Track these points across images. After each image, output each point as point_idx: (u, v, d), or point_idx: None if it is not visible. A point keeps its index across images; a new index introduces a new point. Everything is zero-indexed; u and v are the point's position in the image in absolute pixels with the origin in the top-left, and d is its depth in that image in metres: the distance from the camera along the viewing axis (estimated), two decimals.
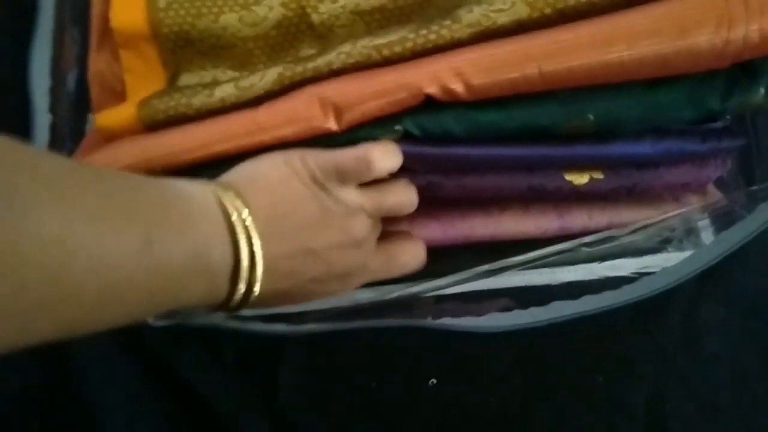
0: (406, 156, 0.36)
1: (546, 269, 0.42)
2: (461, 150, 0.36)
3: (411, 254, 0.39)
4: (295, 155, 0.34)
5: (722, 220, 0.42)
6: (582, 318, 0.44)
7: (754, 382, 0.43)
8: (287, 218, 0.33)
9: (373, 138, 0.35)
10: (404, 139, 0.36)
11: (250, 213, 0.31)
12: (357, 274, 0.37)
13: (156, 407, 0.42)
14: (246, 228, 0.31)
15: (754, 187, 0.39)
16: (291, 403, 0.42)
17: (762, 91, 0.35)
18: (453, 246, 0.42)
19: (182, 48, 0.39)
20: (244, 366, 0.42)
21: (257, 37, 0.39)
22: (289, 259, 0.33)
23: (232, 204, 0.31)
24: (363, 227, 0.35)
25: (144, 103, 0.38)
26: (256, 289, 0.31)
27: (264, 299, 0.32)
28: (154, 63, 0.40)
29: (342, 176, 0.34)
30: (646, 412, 0.42)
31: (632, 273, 0.43)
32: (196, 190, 0.31)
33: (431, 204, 0.40)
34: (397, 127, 0.36)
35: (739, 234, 0.37)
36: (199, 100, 0.37)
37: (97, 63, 0.42)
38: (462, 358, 0.43)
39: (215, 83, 0.39)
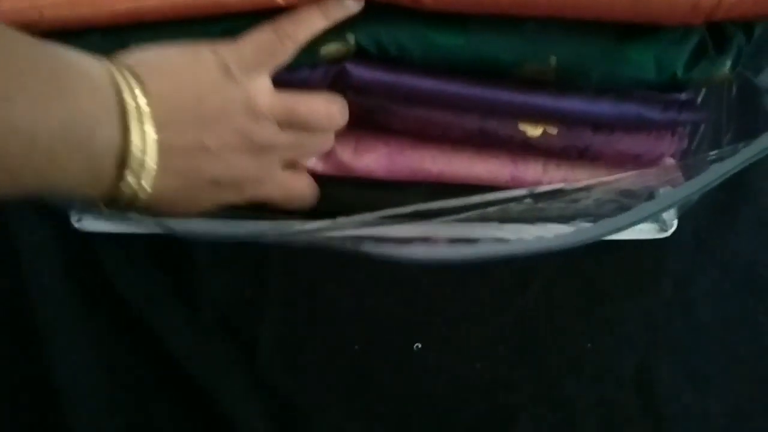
0: (359, 80, 0.35)
1: (479, 224, 0.39)
2: (413, 80, 0.35)
3: (305, 183, 0.38)
4: (206, 45, 0.32)
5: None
6: (573, 283, 0.44)
7: (744, 353, 0.43)
8: (188, 110, 0.31)
9: (325, 44, 0.33)
10: (358, 59, 0.34)
11: (146, 96, 0.29)
12: (251, 185, 0.35)
13: (129, 367, 0.41)
14: (139, 112, 0.29)
15: (710, 153, 0.38)
16: (271, 366, 0.41)
17: (728, 64, 0.35)
18: (396, 180, 0.40)
19: None
20: (224, 326, 0.41)
21: None
22: (184, 154, 0.31)
23: (127, 84, 0.29)
24: (266, 134, 0.34)
25: None
26: (147, 183, 0.29)
27: (157, 199, 0.31)
28: None
29: (256, 56, 0.33)
30: (635, 379, 0.42)
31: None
32: (85, 61, 0.28)
33: (382, 129, 0.38)
34: (350, 37, 0.34)
35: (685, 191, 0.36)
36: None
37: None
38: (448, 323, 0.42)
39: None
